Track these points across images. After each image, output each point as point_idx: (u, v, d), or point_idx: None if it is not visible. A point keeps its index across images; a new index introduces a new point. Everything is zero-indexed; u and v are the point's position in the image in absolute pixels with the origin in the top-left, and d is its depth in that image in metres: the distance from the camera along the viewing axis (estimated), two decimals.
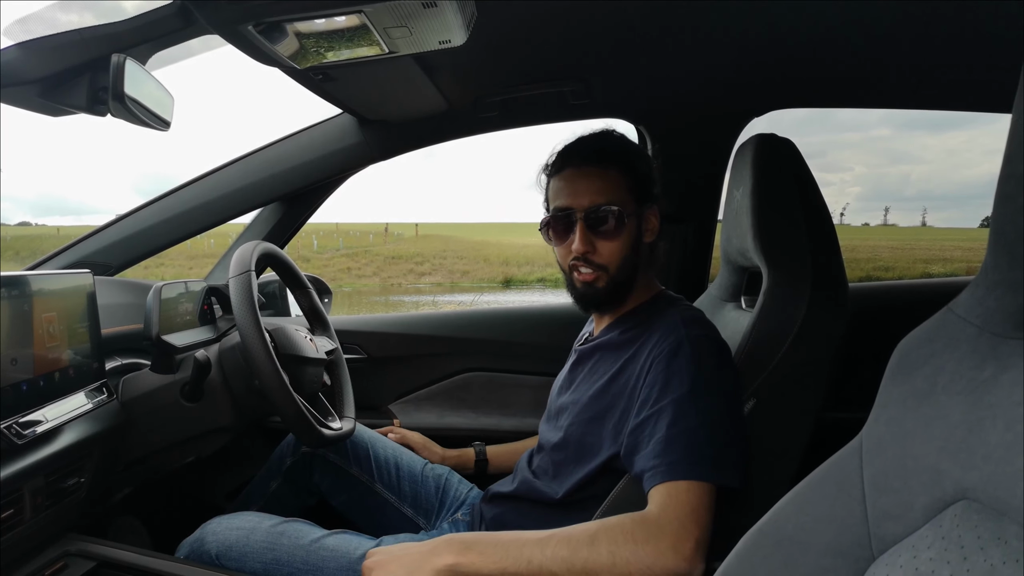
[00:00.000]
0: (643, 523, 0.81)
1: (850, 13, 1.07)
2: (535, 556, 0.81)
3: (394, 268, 27.60)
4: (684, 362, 0.92)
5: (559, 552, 0.80)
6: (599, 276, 1.06)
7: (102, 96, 0.93)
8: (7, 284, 0.91)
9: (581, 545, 0.80)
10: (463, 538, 0.83)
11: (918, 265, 27.99)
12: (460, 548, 0.81)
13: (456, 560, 0.80)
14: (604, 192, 1.03)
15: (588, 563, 0.79)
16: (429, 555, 0.82)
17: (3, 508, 0.90)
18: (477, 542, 0.83)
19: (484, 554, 0.81)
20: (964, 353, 0.51)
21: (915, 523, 0.51)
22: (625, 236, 1.04)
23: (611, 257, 1.05)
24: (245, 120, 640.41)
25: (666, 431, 0.88)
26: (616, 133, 1.12)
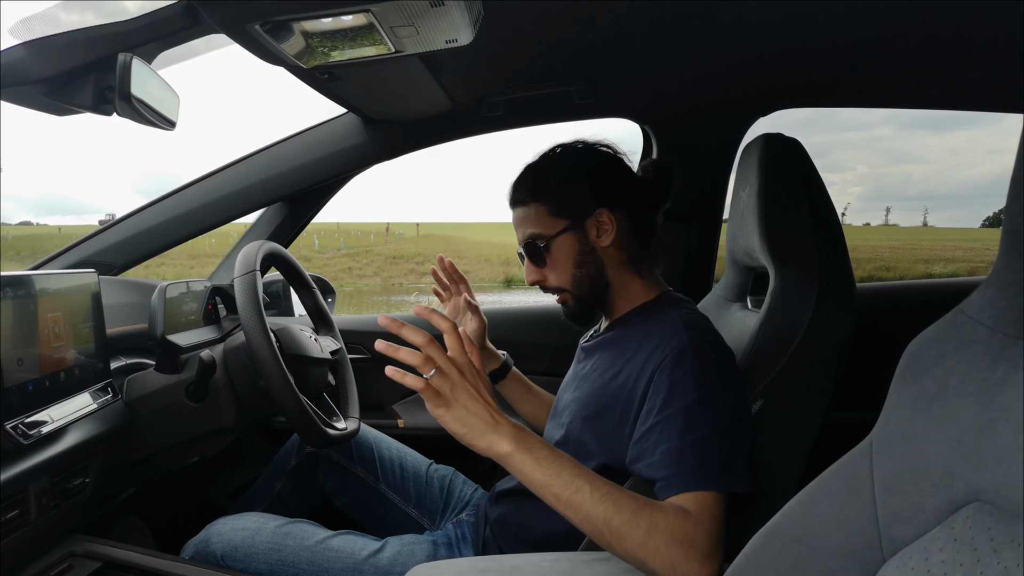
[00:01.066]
0: (684, 523, 0.81)
1: (854, 13, 1.07)
2: (582, 491, 0.80)
3: (395, 268, 27.61)
4: (689, 369, 0.91)
5: (605, 503, 0.79)
6: (564, 298, 1.11)
7: (108, 95, 0.92)
8: (12, 284, 0.91)
9: (625, 510, 0.79)
10: (528, 439, 0.80)
11: (919, 265, 27.97)
12: (523, 445, 0.79)
13: (512, 451, 0.78)
14: (527, 226, 1.09)
15: (623, 528, 0.79)
16: (490, 431, 0.78)
17: (8, 508, 0.90)
18: (539, 448, 0.80)
19: (539, 461, 0.80)
20: (975, 354, 0.51)
21: (926, 525, 0.50)
22: (559, 258, 1.08)
23: (560, 279, 1.09)
24: (248, 120, 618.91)
25: (677, 440, 0.87)
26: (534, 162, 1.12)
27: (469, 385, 0.78)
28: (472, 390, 0.78)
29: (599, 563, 0.85)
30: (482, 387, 0.80)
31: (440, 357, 0.77)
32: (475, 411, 0.78)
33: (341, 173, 1.59)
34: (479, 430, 0.78)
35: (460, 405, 0.77)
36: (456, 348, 0.79)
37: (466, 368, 0.79)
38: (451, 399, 0.77)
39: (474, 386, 0.79)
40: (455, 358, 0.78)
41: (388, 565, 1.05)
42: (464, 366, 0.79)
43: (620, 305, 1.10)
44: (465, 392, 0.78)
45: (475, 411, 0.78)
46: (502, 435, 0.78)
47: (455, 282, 1.36)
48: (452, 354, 0.79)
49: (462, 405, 0.77)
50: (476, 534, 1.15)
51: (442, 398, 0.77)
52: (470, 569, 0.86)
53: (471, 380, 0.79)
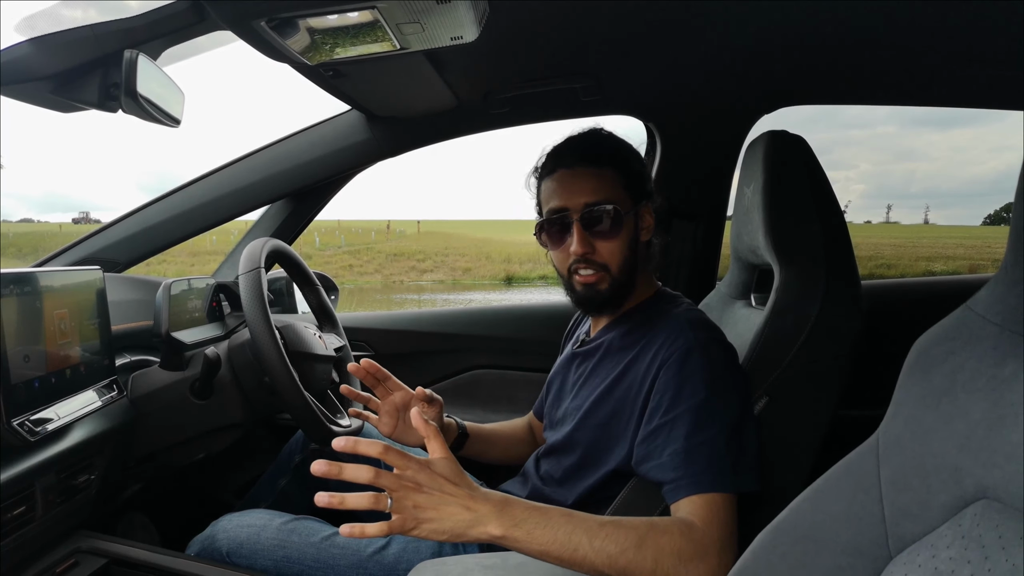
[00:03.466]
0: (690, 538, 0.81)
1: (858, 10, 1.07)
2: (582, 545, 0.79)
3: (396, 265, 27.63)
4: (696, 369, 0.91)
5: (606, 547, 0.79)
6: (601, 277, 1.03)
7: (114, 92, 0.93)
8: (18, 281, 0.91)
9: (628, 547, 0.79)
10: (513, 512, 0.78)
11: (920, 263, 27.97)
12: (509, 523, 0.77)
13: (503, 534, 0.77)
14: (599, 191, 1.01)
15: (631, 565, 0.79)
16: (475, 523, 0.76)
17: (15, 505, 0.90)
18: (526, 520, 0.78)
19: (531, 534, 0.78)
20: (984, 351, 0.51)
21: (934, 522, 0.50)
22: (624, 235, 1.02)
23: (611, 257, 1.02)
24: (252, 117, 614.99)
25: (684, 442, 0.87)
26: (605, 131, 1.09)
27: (431, 492, 0.75)
28: (436, 494, 0.75)
29: None
30: (445, 482, 0.76)
31: (388, 481, 0.73)
32: (448, 513, 0.75)
33: (345, 170, 1.59)
34: (461, 527, 0.76)
35: (430, 517, 0.75)
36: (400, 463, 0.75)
37: (419, 475, 0.75)
38: (419, 516, 0.74)
39: (436, 488, 0.75)
40: (403, 472, 0.75)
41: (393, 561, 1.06)
42: (415, 474, 0.75)
43: (627, 301, 1.10)
44: (429, 502, 0.75)
45: (448, 513, 0.75)
46: (486, 522, 0.76)
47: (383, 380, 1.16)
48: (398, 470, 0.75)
49: (432, 515, 0.75)
50: None
51: (410, 519, 0.74)
52: (476, 566, 0.86)
53: (430, 484, 0.75)
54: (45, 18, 0.89)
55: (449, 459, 0.78)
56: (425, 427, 0.79)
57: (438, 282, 25.36)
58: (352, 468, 0.73)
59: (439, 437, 0.79)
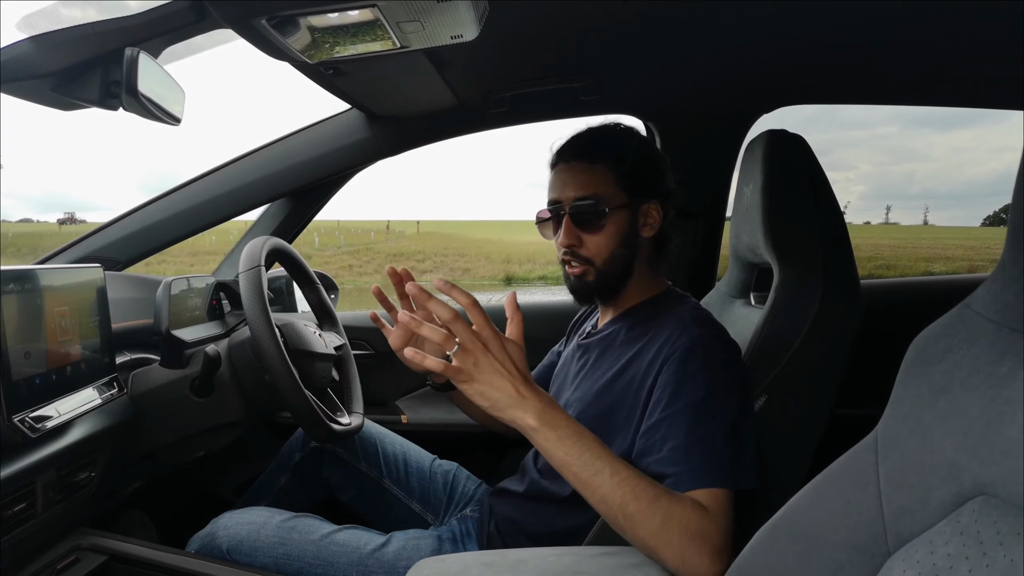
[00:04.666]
0: (700, 518, 0.81)
1: (859, 9, 1.07)
2: (601, 473, 0.80)
3: (396, 265, 27.56)
4: (698, 365, 0.92)
5: (623, 488, 0.80)
6: (587, 270, 1.06)
7: (114, 90, 0.93)
8: (19, 278, 0.92)
9: (643, 498, 0.79)
10: (554, 415, 0.80)
11: (920, 264, 27.99)
12: (547, 421, 0.79)
13: (536, 426, 0.79)
14: (588, 186, 1.04)
15: (638, 515, 0.79)
16: (515, 405, 0.78)
17: (16, 502, 0.90)
18: (563, 427, 0.80)
19: (562, 440, 0.80)
20: (982, 348, 0.51)
21: (932, 518, 0.51)
22: (610, 229, 1.04)
23: (596, 251, 1.05)
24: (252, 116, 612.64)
25: (685, 437, 0.87)
26: (616, 127, 1.12)
27: (494, 359, 0.78)
28: (497, 364, 0.78)
29: (604, 557, 0.85)
30: (508, 360, 0.79)
31: (464, 332, 0.77)
32: (499, 385, 0.78)
33: (345, 169, 1.59)
34: (503, 403, 0.78)
35: (483, 380, 0.78)
36: (481, 322, 0.78)
37: (491, 341, 0.78)
38: (474, 374, 0.77)
39: (500, 359, 0.78)
40: (480, 332, 0.78)
41: (393, 559, 1.06)
42: (489, 339, 0.78)
43: (628, 297, 1.10)
44: (489, 367, 0.77)
45: (499, 385, 0.78)
46: (527, 410, 0.79)
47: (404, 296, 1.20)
48: (477, 328, 0.78)
49: (486, 380, 0.78)
50: (480, 529, 1.15)
51: (465, 373, 0.77)
52: (475, 563, 0.86)
53: (496, 354, 0.78)
54: (46, 16, 0.89)
55: (520, 347, 0.81)
56: (513, 311, 0.83)
57: None
58: (437, 302, 0.80)
59: (520, 325, 0.83)
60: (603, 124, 1.12)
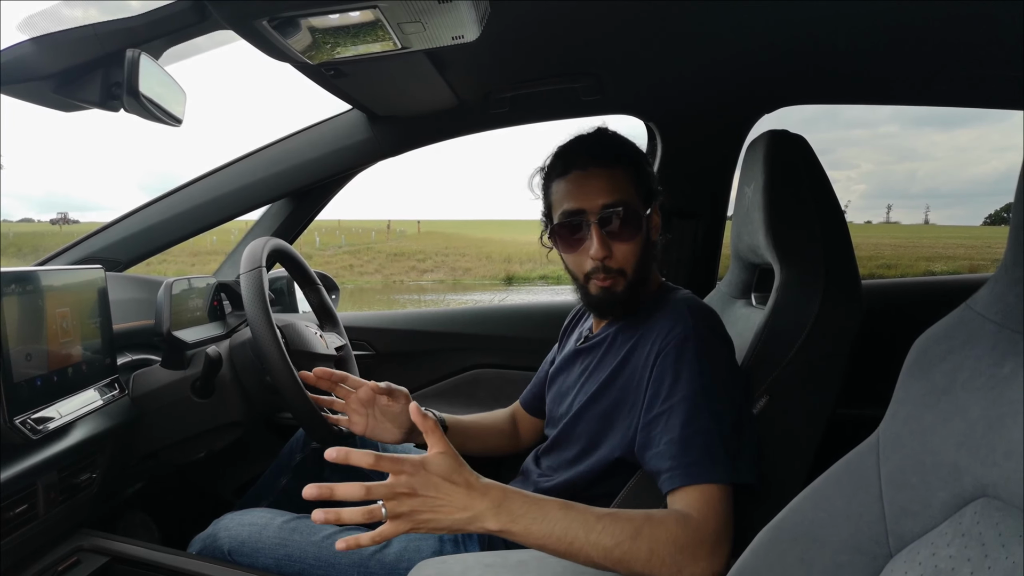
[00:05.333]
0: (686, 527, 0.81)
1: (859, 10, 1.07)
2: (578, 539, 0.79)
3: (396, 265, 27.65)
4: (692, 357, 0.91)
5: (602, 540, 0.79)
6: (617, 281, 1.01)
7: (116, 91, 0.93)
8: (20, 280, 0.92)
9: (624, 539, 0.79)
10: (510, 507, 0.78)
11: (921, 263, 27.97)
12: (506, 519, 0.78)
13: (500, 528, 0.78)
14: (615, 192, 0.98)
15: (626, 556, 0.79)
16: (472, 520, 0.77)
17: (17, 503, 0.90)
18: (524, 515, 0.79)
19: (528, 529, 0.79)
20: (983, 350, 0.51)
21: (934, 520, 0.51)
22: (637, 237, 1.00)
23: (627, 259, 1.00)
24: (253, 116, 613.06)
25: (680, 431, 0.87)
26: (612, 131, 1.08)
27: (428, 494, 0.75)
28: (431, 499, 0.75)
29: None
30: (443, 482, 0.76)
31: (379, 491, 0.74)
32: (445, 513, 0.76)
33: (346, 169, 1.59)
34: (460, 524, 0.77)
35: (425, 520, 0.76)
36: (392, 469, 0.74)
37: (415, 479, 0.75)
38: (416, 518, 0.75)
39: (433, 491, 0.76)
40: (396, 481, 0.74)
41: (394, 560, 1.06)
42: (410, 480, 0.75)
43: (639, 301, 1.09)
44: (425, 505, 0.75)
45: (445, 513, 0.76)
46: (484, 518, 0.77)
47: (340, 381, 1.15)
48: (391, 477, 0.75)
49: (427, 519, 0.76)
50: None
51: (406, 522, 0.75)
52: (477, 564, 0.86)
53: (424, 490, 0.75)
54: (47, 17, 0.89)
55: (446, 454, 0.78)
56: (423, 421, 0.78)
57: (438, 282, 25.37)
58: (343, 487, 0.73)
59: (437, 431, 0.79)
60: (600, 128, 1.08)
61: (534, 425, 1.37)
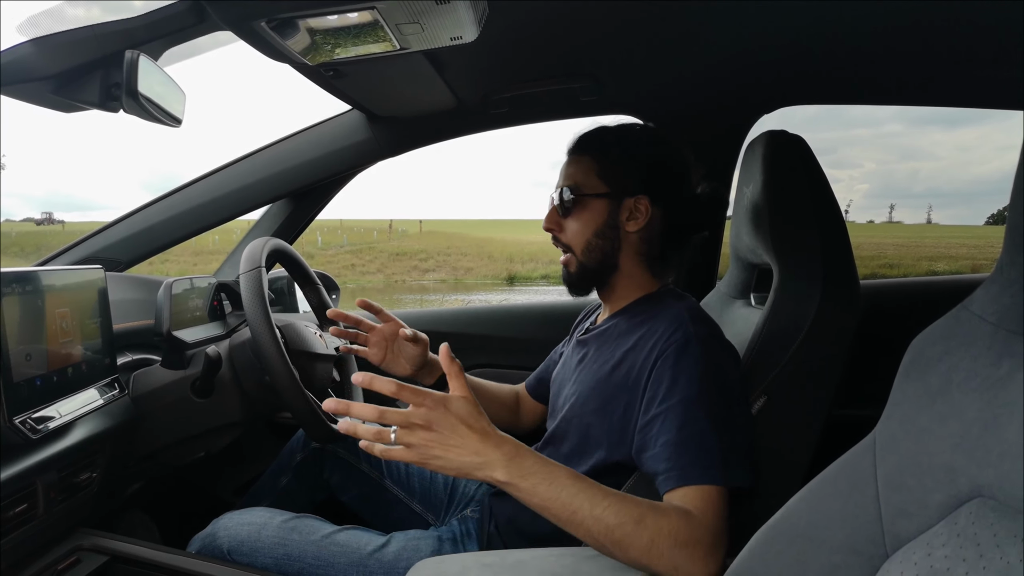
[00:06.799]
0: (687, 526, 0.81)
1: (859, 10, 1.07)
2: (581, 509, 0.80)
3: (398, 264, 27.67)
4: (692, 361, 0.92)
5: (605, 517, 0.80)
6: (569, 259, 1.11)
7: (115, 92, 0.93)
8: (20, 280, 0.92)
9: (627, 521, 0.80)
10: (521, 463, 0.79)
11: (923, 263, 27.91)
12: (516, 473, 0.79)
13: (508, 481, 0.79)
14: (571, 176, 1.09)
15: (626, 539, 0.79)
16: (482, 466, 0.78)
17: (17, 503, 0.91)
18: (533, 474, 0.80)
19: (535, 488, 0.80)
20: (980, 350, 0.51)
21: (930, 520, 0.50)
22: (585, 217, 1.08)
23: (573, 237, 1.09)
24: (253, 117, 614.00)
25: (677, 433, 0.87)
26: (620, 127, 1.13)
27: (443, 431, 0.77)
28: (446, 435, 0.77)
29: (603, 558, 0.85)
30: (459, 424, 0.78)
31: (394, 420, 0.76)
32: (456, 454, 0.77)
33: (345, 170, 1.59)
34: (467, 468, 0.78)
35: (435, 456, 0.77)
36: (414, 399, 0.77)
37: (432, 412, 0.77)
38: (426, 455, 0.77)
39: (448, 430, 0.77)
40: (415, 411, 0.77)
41: (393, 560, 1.06)
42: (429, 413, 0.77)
43: (622, 293, 1.11)
44: (438, 440, 0.77)
45: (456, 454, 0.77)
46: (494, 467, 0.78)
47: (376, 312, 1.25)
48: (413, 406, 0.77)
49: (437, 455, 0.77)
50: (481, 530, 1.16)
51: (415, 453, 0.77)
52: (475, 564, 0.86)
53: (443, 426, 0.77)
54: (46, 18, 0.89)
55: (467, 399, 0.80)
56: (450, 364, 0.82)
57: (440, 281, 25.36)
58: (359, 406, 0.77)
59: (461, 376, 0.82)
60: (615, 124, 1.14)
61: (535, 408, 1.41)
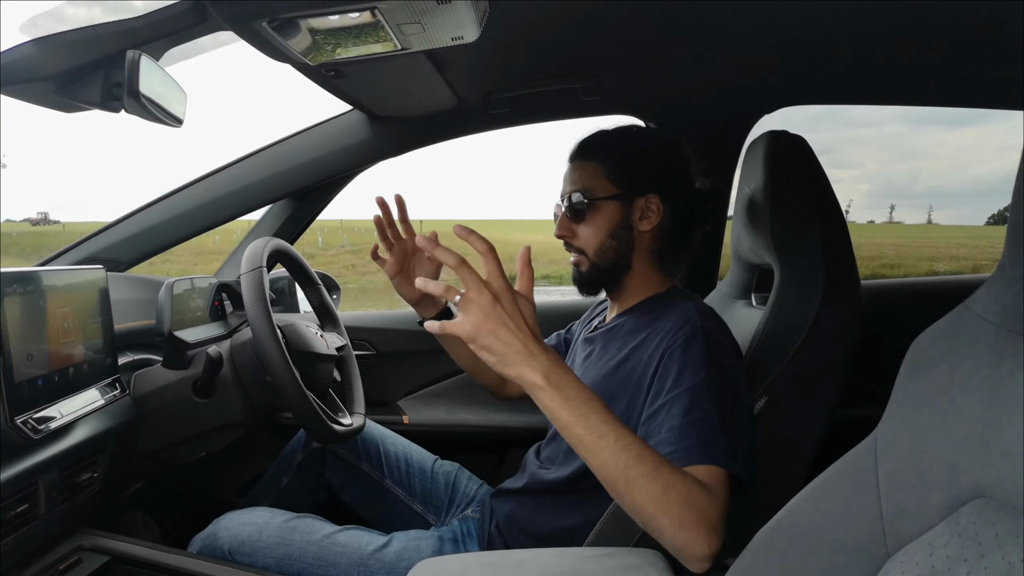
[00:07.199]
0: (700, 492, 0.80)
1: (859, 10, 1.06)
2: (607, 436, 0.78)
3: None
4: (698, 351, 0.92)
5: (627, 453, 0.78)
6: (580, 260, 1.11)
7: (116, 92, 0.93)
8: (21, 280, 0.92)
9: (646, 463, 0.78)
10: (561, 375, 0.78)
11: (924, 263, 27.85)
12: (554, 381, 0.77)
13: (542, 384, 0.77)
14: (578, 181, 1.10)
15: (639, 480, 0.77)
16: (524, 361, 0.76)
17: (19, 503, 0.91)
18: (571, 387, 0.78)
19: (568, 401, 0.78)
20: (981, 350, 0.51)
21: (931, 520, 0.50)
22: (598, 220, 1.08)
23: (585, 241, 1.09)
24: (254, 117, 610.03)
25: (682, 418, 0.87)
26: (619, 128, 1.14)
27: (503, 311, 0.76)
28: (505, 316, 0.76)
29: (604, 558, 0.85)
30: (518, 314, 0.77)
31: (472, 279, 0.76)
32: (506, 339, 0.76)
33: (347, 170, 1.59)
34: (510, 359, 0.76)
35: (489, 332, 0.76)
36: (494, 271, 0.77)
37: (502, 293, 0.77)
38: (480, 326, 0.76)
39: (509, 313, 0.76)
40: (491, 282, 0.77)
41: (394, 560, 1.06)
42: (500, 291, 0.77)
43: (633, 292, 1.11)
44: (498, 319, 0.76)
45: (506, 339, 0.76)
46: (534, 367, 0.76)
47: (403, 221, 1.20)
48: (489, 276, 0.77)
49: (491, 332, 0.76)
50: (481, 530, 1.16)
51: (471, 324, 0.76)
52: (476, 563, 0.86)
53: (506, 306, 0.76)
54: (47, 18, 0.89)
55: (531, 302, 0.81)
56: (524, 267, 0.82)
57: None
58: (443, 250, 0.80)
59: (531, 280, 0.82)
60: (612, 127, 1.15)
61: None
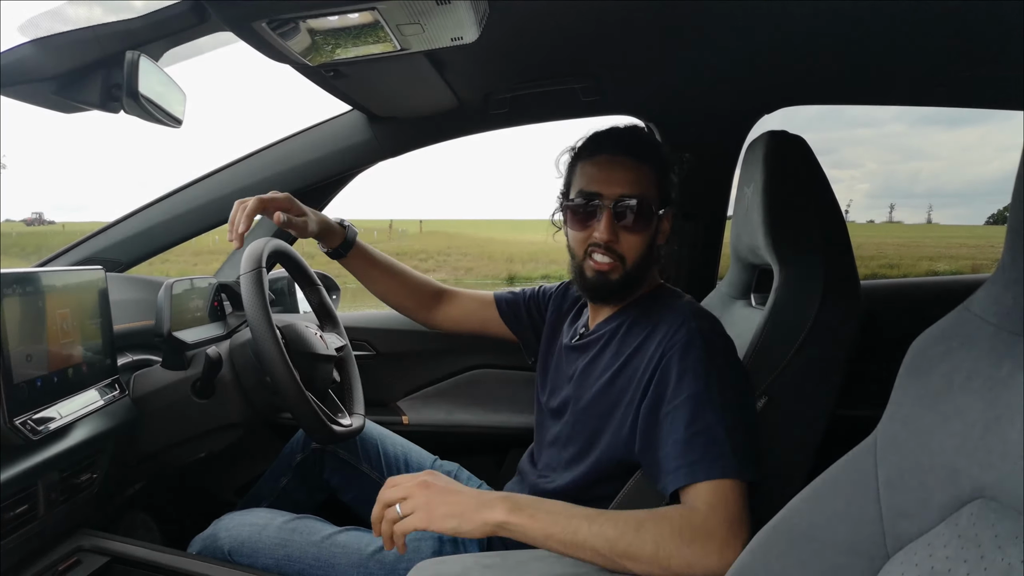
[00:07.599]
0: (691, 522, 0.81)
1: (859, 10, 1.06)
2: (581, 529, 0.81)
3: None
4: (697, 357, 0.92)
5: (605, 530, 0.80)
6: (615, 267, 1.03)
7: (116, 93, 0.93)
8: (21, 281, 0.92)
9: (628, 529, 0.80)
10: (516, 498, 0.83)
11: (923, 263, 27.84)
12: (512, 507, 0.81)
13: (507, 519, 0.81)
14: (635, 184, 1.01)
15: (631, 548, 0.79)
16: (480, 507, 0.82)
17: (18, 503, 0.91)
18: (529, 505, 0.83)
19: (534, 518, 0.81)
20: (981, 351, 0.51)
21: (931, 521, 0.50)
22: (647, 230, 1.03)
23: (630, 250, 1.02)
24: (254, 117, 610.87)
25: (684, 431, 0.87)
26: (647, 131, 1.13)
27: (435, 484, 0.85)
28: (439, 486, 0.84)
29: None
30: (449, 481, 0.87)
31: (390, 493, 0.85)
32: (457, 500, 0.83)
33: (346, 170, 1.59)
34: (471, 512, 0.82)
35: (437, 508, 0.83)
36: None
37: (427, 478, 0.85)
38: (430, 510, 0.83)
39: (441, 482, 0.85)
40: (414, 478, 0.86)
41: (394, 561, 1.06)
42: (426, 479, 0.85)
43: (627, 297, 1.10)
44: (437, 494, 0.84)
45: (457, 500, 0.83)
46: (492, 506, 0.82)
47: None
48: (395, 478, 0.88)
49: (440, 505, 0.83)
50: None
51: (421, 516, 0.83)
52: (476, 565, 0.86)
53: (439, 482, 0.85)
54: (47, 19, 0.89)
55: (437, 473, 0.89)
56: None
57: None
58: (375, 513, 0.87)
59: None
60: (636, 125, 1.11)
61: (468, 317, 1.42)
